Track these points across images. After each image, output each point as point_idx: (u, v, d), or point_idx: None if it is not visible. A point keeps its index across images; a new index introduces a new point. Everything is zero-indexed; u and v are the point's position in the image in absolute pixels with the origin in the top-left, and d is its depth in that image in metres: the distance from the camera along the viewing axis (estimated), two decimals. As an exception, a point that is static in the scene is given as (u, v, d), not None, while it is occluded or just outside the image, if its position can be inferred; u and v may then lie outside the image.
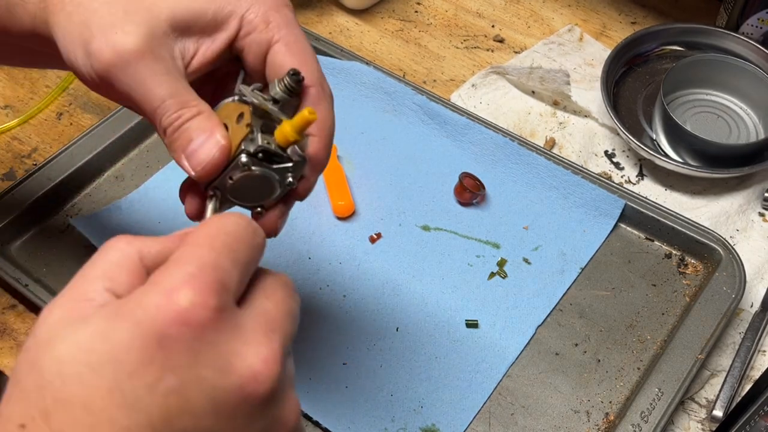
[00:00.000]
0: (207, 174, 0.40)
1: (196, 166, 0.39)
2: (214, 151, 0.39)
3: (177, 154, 0.40)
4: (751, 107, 0.74)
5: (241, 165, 0.39)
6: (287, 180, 0.41)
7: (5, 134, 0.74)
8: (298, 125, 0.39)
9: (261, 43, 0.42)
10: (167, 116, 0.40)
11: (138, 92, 0.39)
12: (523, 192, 0.68)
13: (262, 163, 0.40)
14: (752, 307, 0.63)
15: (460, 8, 0.86)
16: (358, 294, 0.62)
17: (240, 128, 0.40)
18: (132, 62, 0.39)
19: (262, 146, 0.39)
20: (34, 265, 0.63)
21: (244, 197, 0.42)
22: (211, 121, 0.40)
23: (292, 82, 0.41)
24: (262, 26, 0.42)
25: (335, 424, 0.55)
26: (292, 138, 0.39)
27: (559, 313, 0.61)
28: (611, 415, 0.56)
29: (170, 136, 0.40)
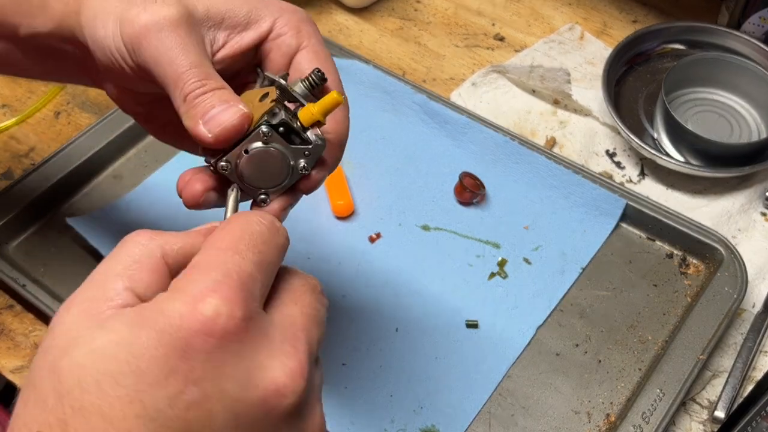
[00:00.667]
0: (224, 138, 0.39)
1: (214, 128, 0.39)
2: (235, 117, 0.39)
3: (194, 121, 0.40)
4: (752, 106, 0.74)
5: (261, 134, 0.39)
6: (300, 164, 0.41)
7: (3, 133, 0.73)
8: (327, 105, 0.39)
9: (291, 45, 0.43)
10: (191, 82, 0.40)
11: (166, 57, 0.40)
12: (524, 191, 0.68)
13: (281, 139, 0.40)
14: (754, 307, 0.63)
15: (460, 6, 0.86)
16: (357, 294, 0.61)
17: (263, 105, 0.40)
18: (167, 28, 0.40)
19: (285, 119, 0.40)
20: (31, 265, 0.63)
21: (253, 178, 0.41)
22: (235, 96, 0.40)
23: (316, 78, 0.41)
24: (293, 32, 0.44)
25: (335, 424, 0.55)
26: (316, 117, 0.40)
27: (560, 314, 0.61)
28: (612, 415, 0.56)
29: (190, 102, 0.40)
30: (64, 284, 0.61)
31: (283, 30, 0.43)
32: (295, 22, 0.44)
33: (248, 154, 0.40)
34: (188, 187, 0.42)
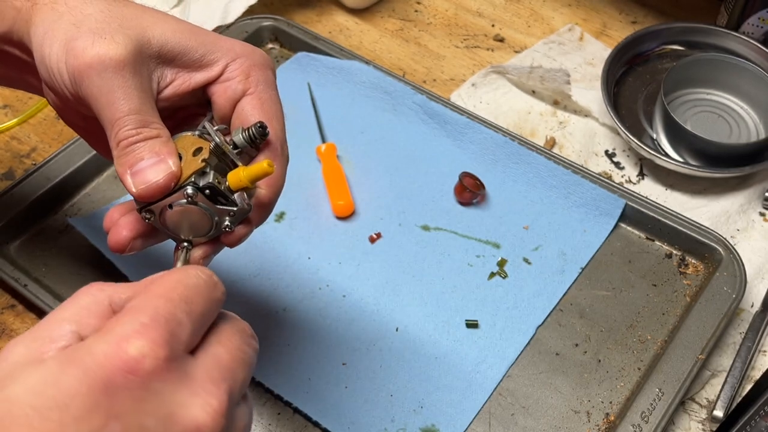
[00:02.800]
0: (147, 195, 0.40)
1: (140, 185, 0.40)
2: (161, 175, 0.40)
3: (122, 169, 0.40)
4: (751, 107, 0.74)
5: (186, 195, 0.40)
6: (225, 223, 0.41)
7: (4, 134, 0.74)
8: (255, 173, 0.40)
9: (236, 90, 0.44)
10: (126, 129, 0.40)
11: (105, 99, 0.40)
12: (524, 192, 0.68)
13: (206, 200, 0.40)
14: (753, 307, 0.63)
15: (461, 7, 0.86)
16: (357, 294, 0.62)
17: (194, 161, 0.40)
18: (111, 68, 0.40)
19: (212, 183, 0.40)
20: (33, 265, 0.63)
21: (177, 228, 0.42)
22: (167, 147, 0.41)
23: (256, 133, 0.42)
24: (242, 77, 0.44)
25: (335, 424, 0.55)
26: (244, 184, 0.40)
27: (560, 313, 0.61)
28: (612, 415, 0.56)
29: (122, 149, 0.40)
30: (65, 284, 0.62)
31: (233, 74, 0.43)
32: (246, 67, 0.44)
33: (172, 210, 0.41)
34: (115, 231, 0.43)
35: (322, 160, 0.69)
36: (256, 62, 0.44)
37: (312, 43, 0.77)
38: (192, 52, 0.43)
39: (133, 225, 0.43)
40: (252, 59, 0.44)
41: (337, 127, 0.72)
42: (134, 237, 0.43)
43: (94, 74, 0.40)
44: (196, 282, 0.34)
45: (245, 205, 0.41)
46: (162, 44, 0.42)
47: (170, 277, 0.34)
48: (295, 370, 0.57)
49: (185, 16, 0.80)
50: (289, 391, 0.56)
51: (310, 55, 0.76)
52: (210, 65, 0.43)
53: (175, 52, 0.42)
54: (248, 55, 0.44)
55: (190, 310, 0.33)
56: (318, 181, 0.68)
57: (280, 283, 0.62)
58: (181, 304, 0.32)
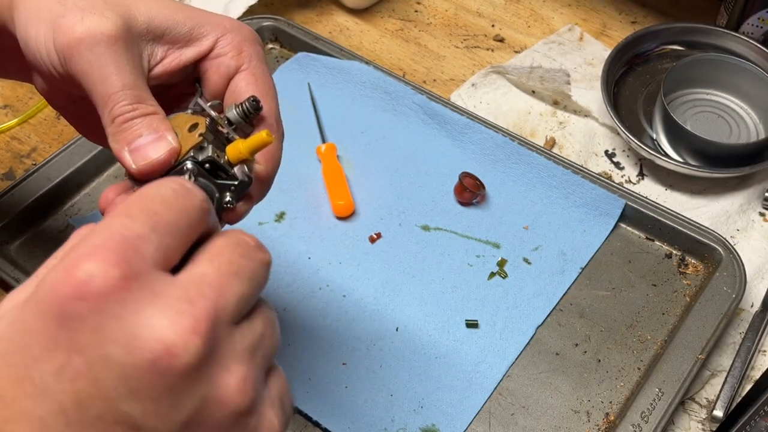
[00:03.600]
0: (149, 172, 0.39)
1: (140, 161, 0.38)
2: (162, 152, 0.39)
3: (119, 146, 0.39)
4: (751, 107, 0.74)
5: (186, 170, 0.39)
6: (225, 198, 0.40)
7: (4, 134, 0.74)
8: (254, 144, 0.39)
9: (229, 66, 0.43)
10: (121, 105, 0.39)
11: (97, 74, 0.38)
12: (523, 192, 0.68)
13: (207, 175, 0.39)
14: (753, 307, 0.63)
15: (460, 8, 0.86)
16: (358, 294, 0.62)
17: (191, 137, 0.39)
18: (102, 43, 0.38)
19: (212, 157, 0.39)
20: (33, 265, 0.63)
21: None
22: (164, 124, 0.40)
23: (251, 107, 0.41)
24: (234, 53, 0.43)
25: (335, 424, 0.55)
26: (243, 156, 0.39)
27: (560, 313, 0.61)
28: (611, 415, 0.56)
29: (119, 125, 0.39)
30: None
31: (224, 50, 0.43)
32: (237, 42, 0.43)
33: None
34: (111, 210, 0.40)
35: (323, 160, 0.69)
36: (247, 37, 0.43)
37: (312, 44, 0.77)
38: (180, 26, 0.42)
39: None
40: (242, 34, 0.43)
41: (337, 127, 0.72)
42: None
43: (85, 49, 0.38)
44: (162, 192, 0.31)
45: (246, 178, 0.40)
46: (149, 20, 0.41)
47: (135, 194, 0.31)
48: (295, 370, 0.57)
49: (185, 16, 0.80)
50: (289, 390, 0.56)
51: (311, 56, 0.76)
52: (199, 39, 0.42)
53: (163, 28, 0.41)
54: (238, 30, 0.43)
55: (154, 222, 0.29)
56: (318, 181, 0.68)
57: (280, 283, 0.62)
58: (141, 216, 0.29)
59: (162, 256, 0.29)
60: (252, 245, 0.32)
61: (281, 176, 0.68)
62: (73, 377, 0.27)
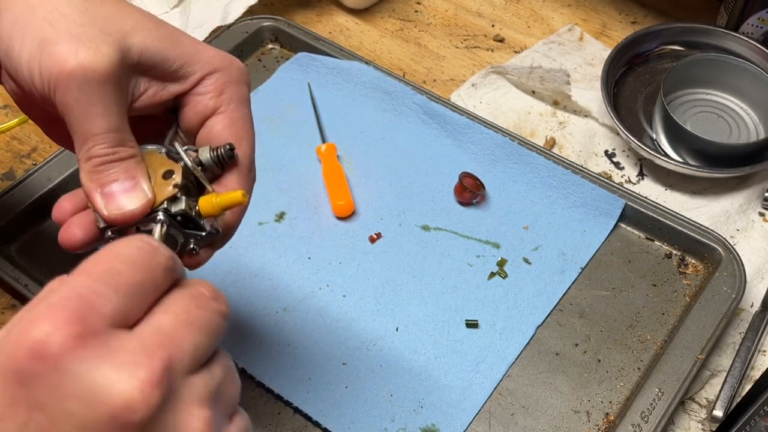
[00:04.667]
0: (121, 221, 0.39)
1: (113, 210, 0.39)
2: (137, 203, 0.39)
3: (92, 186, 0.39)
4: (751, 107, 0.74)
5: (158, 221, 0.39)
6: (190, 245, 0.41)
7: (5, 134, 0.74)
8: (229, 203, 0.40)
9: (207, 107, 0.42)
10: (101, 147, 0.38)
11: (82, 112, 0.38)
12: (523, 192, 0.68)
13: (176, 225, 0.40)
14: (752, 307, 0.63)
15: (460, 8, 0.86)
16: (358, 294, 0.62)
17: (165, 184, 0.40)
18: (93, 81, 0.37)
19: (185, 210, 0.39)
20: (33, 265, 0.63)
21: None
22: (141, 169, 0.39)
23: (225, 155, 0.41)
24: (215, 93, 0.42)
25: (335, 424, 0.55)
26: (215, 212, 0.40)
27: (559, 313, 0.61)
28: (611, 415, 0.56)
29: (95, 166, 0.38)
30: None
31: (206, 89, 0.42)
32: (221, 83, 0.42)
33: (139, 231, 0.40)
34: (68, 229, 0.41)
35: (323, 161, 0.69)
36: (233, 78, 0.42)
37: (312, 44, 0.77)
38: (170, 63, 0.41)
39: (87, 227, 0.41)
40: (228, 75, 0.42)
41: (337, 127, 0.73)
42: (87, 241, 0.41)
43: (75, 85, 0.37)
44: (128, 251, 0.31)
45: (214, 231, 0.41)
46: (141, 52, 0.39)
47: (101, 251, 0.32)
48: (295, 369, 0.57)
49: (185, 16, 0.80)
50: (289, 390, 0.56)
51: (311, 56, 0.76)
52: (185, 78, 0.41)
53: (153, 62, 0.40)
54: (225, 70, 0.42)
55: (115, 281, 0.30)
56: (318, 181, 0.69)
57: (280, 283, 0.62)
58: (103, 276, 0.30)
59: (120, 314, 0.30)
60: (207, 296, 0.33)
61: (281, 176, 0.69)
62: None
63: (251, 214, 0.56)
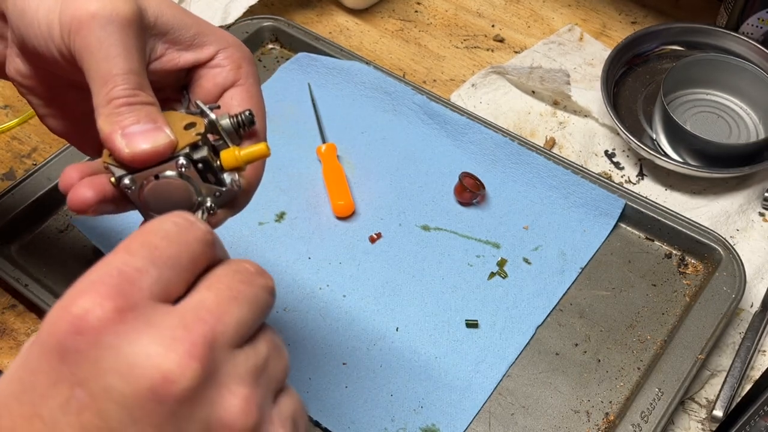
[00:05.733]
0: (143, 160, 0.37)
1: (136, 146, 0.37)
2: (162, 142, 0.38)
3: (112, 128, 0.37)
4: (751, 107, 0.74)
5: (178, 166, 0.38)
6: (207, 203, 0.40)
7: (5, 134, 0.74)
8: (253, 155, 0.39)
9: (227, 78, 0.43)
10: (122, 88, 0.37)
11: (104, 52, 0.37)
12: (523, 192, 0.68)
13: (197, 175, 0.39)
14: (752, 307, 0.63)
15: (460, 8, 0.86)
16: (358, 294, 0.62)
17: (188, 134, 0.39)
18: (116, 23, 0.37)
19: (206, 157, 0.38)
20: (33, 265, 0.63)
21: (153, 204, 0.39)
22: (162, 117, 0.39)
23: (245, 120, 0.41)
24: (233, 66, 0.43)
25: (335, 424, 0.55)
26: (238, 164, 0.39)
27: (559, 313, 0.61)
28: (611, 415, 0.56)
29: (115, 107, 0.37)
30: (66, 284, 0.61)
31: (224, 62, 0.42)
32: (237, 58, 0.43)
33: (157, 180, 0.38)
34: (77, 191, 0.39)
35: (323, 161, 0.69)
36: (246, 56, 0.43)
37: (312, 44, 0.77)
38: (185, 29, 0.41)
39: (98, 187, 0.39)
40: (242, 52, 0.43)
41: (337, 127, 0.73)
42: (98, 200, 0.39)
43: (97, 26, 0.37)
44: (164, 227, 0.31)
45: (235, 186, 0.40)
46: (157, 15, 0.40)
47: (137, 231, 0.32)
48: (295, 369, 0.57)
49: (186, 16, 0.80)
50: (289, 390, 0.56)
51: (311, 56, 0.76)
52: (200, 47, 0.42)
53: (169, 26, 0.41)
54: (239, 47, 0.43)
55: (154, 256, 0.30)
56: (318, 182, 0.69)
57: (280, 283, 0.62)
58: (141, 250, 0.30)
59: (161, 288, 0.30)
60: (252, 271, 0.33)
61: (281, 176, 0.69)
62: (78, 410, 0.28)
63: (251, 214, 0.56)
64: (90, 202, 0.39)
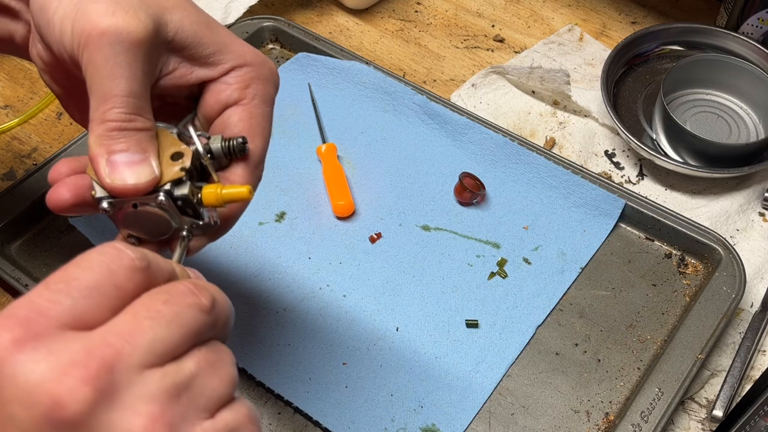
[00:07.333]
0: (121, 192, 0.38)
1: (117, 180, 0.38)
2: (144, 178, 0.38)
3: (100, 151, 0.38)
4: (751, 107, 0.74)
5: (158, 202, 0.38)
6: (184, 232, 0.40)
7: (5, 134, 0.74)
8: (233, 197, 0.39)
9: (230, 96, 0.42)
10: (119, 111, 0.37)
11: (108, 71, 0.37)
12: (523, 192, 0.68)
13: (175, 209, 0.39)
14: (752, 306, 0.63)
15: (460, 8, 0.86)
16: (358, 294, 0.62)
17: (173, 166, 0.39)
18: (125, 43, 0.37)
19: (187, 196, 0.39)
20: (34, 265, 0.63)
21: (131, 226, 0.40)
22: (153, 145, 0.39)
23: (237, 148, 0.41)
24: (240, 86, 0.42)
25: (335, 424, 0.55)
26: (219, 203, 0.39)
27: (559, 313, 0.61)
28: (611, 414, 0.56)
29: (107, 130, 0.38)
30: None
31: (231, 80, 0.42)
32: (249, 78, 0.42)
33: (135, 209, 0.39)
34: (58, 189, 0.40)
35: (323, 161, 0.69)
36: (261, 75, 0.43)
37: (312, 44, 0.77)
38: (203, 47, 0.41)
39: (78, 190, 0.40)
40: (258, 71, 0.42)
41: (337, 127, 0.73)
42: (74, 204, 0.40)
43: (106, 43, 0.37)
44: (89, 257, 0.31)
45: (212, 222, 0.40)
46: (177, 31, 0.40)
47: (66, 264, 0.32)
48: (295, 369, 0.57)
49: (186, 16, 0.80)
50: (289, 390, 0.56)
51: (311, 56, 0.76)
52: (215, 65, 0.42)
53: (187, 43, 0.40)
54: (256, 66, 0.42)
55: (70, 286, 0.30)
56: (318, 182, 0.69)
57: (280, 283, 0.62)
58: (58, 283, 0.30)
59: (73, 317, 0.30)
60: (180, 290, 0.32)
61: (281, 176, 0.69)
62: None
63: (251, 214, 0.56)
64: (66, 204, 0.40)
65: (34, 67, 0.78)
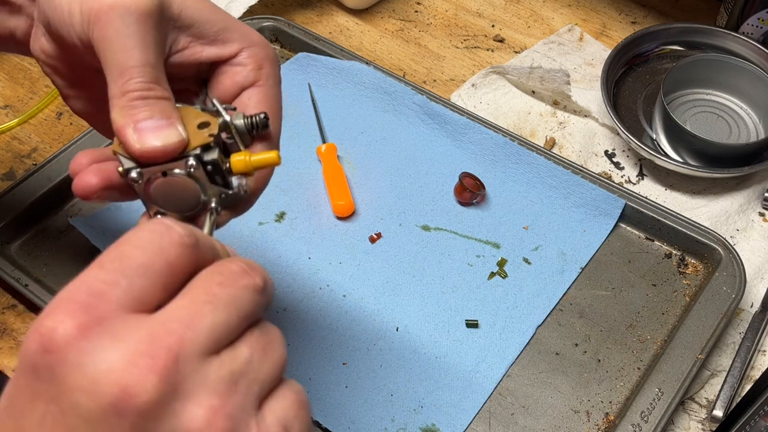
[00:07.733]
0: (150, 156, 0.37)
1: (147, 142, 0.37)
2: (173, 140, 0.37)
3: (125, 121, 0.37)
4: (751, 107, 0.74)
5: (187, 166, 0.38)
6: (212, 203, 0.39)
7: (5, 134, 0.74)
8: (263, 162, 0.39)
9: (247, 78, 0.42)
10: (137, 81, 0.37)
11: (120, 44, 0.37)
12: (523, 192, 0.68)
13: (204, 176, 0.38)
14: (752, 307, 0.63)
15: (460, 8, 0.86)
16: (358, 294, 0.62)
17: (200, 134, 0.39)
18: (134, 14, 0.37)
19: (216, 160, 0.38)
20: (33, 265, 0.63)
21: (159, 198, 0.39)
22: (176, 112, 0.39)
23: (260, 123, 0.41)
24: (255, 66, 0.42)
25: (335, 424, 0.55)
26: (247, 170, 0.39)
27: (559, 313, 0.61)
28: (611, 415, 0.56)
29: (129, 100, 0.37)
30: (66, 284, 0.61)
31: (246, 61, 0.42)
32: (260, 58, 0.43)
33: (165, 177, 0.38)
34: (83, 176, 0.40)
35: (323, 161, 0.69)
36: (269, 56, 0.43)
37: (312, 44, 0.77)
38: (209, 24, 0.41)
39: (104, 174, 0.40)
40: (266, 52, 0.43)
41: (337, 127, 0.73)
42: (103, 187, 0.40)
43: (115, 17, 0.37)
44: (138, 235, 0.31)
45: (241, 191, 0.40)
46: (182, 8, 0.40)
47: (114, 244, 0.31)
48: (295, 370, 0.57)
49: (186, 16, 0.80)
50: (289, 390, 0.56)
51: (311, 56, 0.76)
52: (224, 43, 0.42)
53: (193, 20, 0.41)
54: (263, 47, 0.43)
55: (124, 266, 0.30)
56: (318, 182, 0.69)
57: (280, 283, 0.62)
58: (112, 263, 0.30)
59: (132, 298, 0.30)
60: (235, 271, 0.32)
61: (281, 176, 0.69)
62: (52, 426, 0.28)
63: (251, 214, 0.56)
64: (94, 189, 0.39)
65: (35, 68, 0.79)
